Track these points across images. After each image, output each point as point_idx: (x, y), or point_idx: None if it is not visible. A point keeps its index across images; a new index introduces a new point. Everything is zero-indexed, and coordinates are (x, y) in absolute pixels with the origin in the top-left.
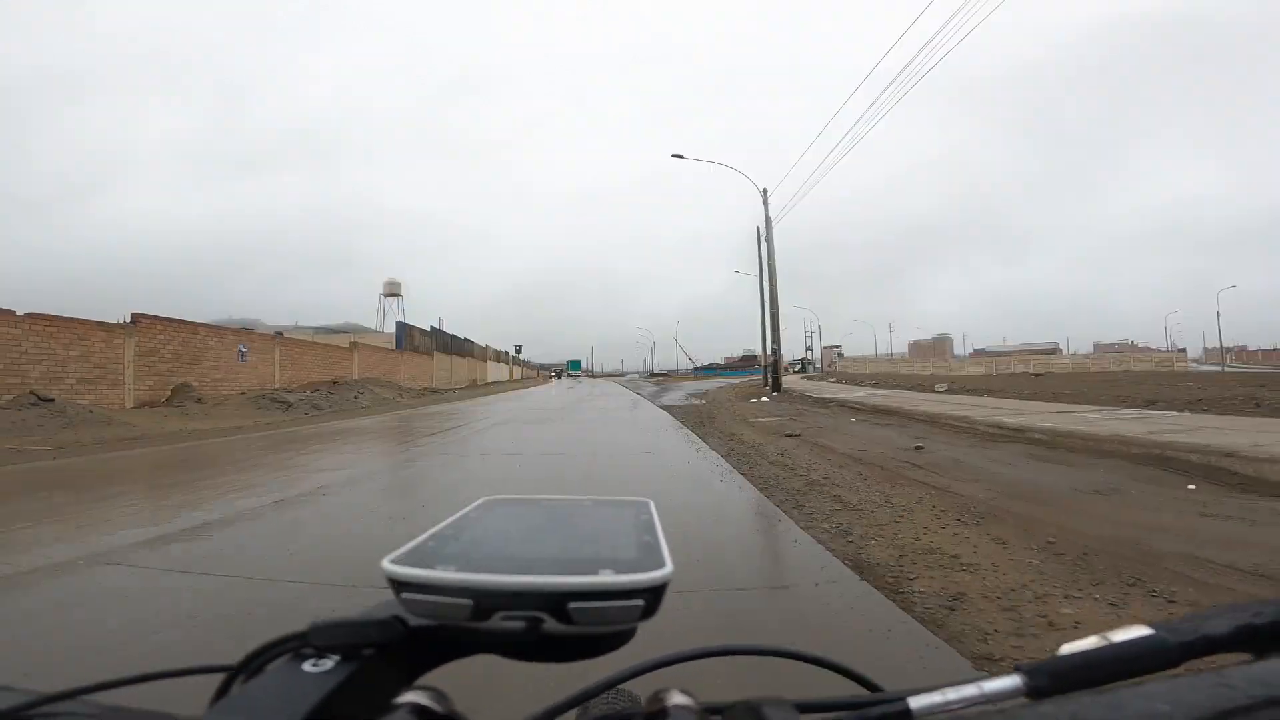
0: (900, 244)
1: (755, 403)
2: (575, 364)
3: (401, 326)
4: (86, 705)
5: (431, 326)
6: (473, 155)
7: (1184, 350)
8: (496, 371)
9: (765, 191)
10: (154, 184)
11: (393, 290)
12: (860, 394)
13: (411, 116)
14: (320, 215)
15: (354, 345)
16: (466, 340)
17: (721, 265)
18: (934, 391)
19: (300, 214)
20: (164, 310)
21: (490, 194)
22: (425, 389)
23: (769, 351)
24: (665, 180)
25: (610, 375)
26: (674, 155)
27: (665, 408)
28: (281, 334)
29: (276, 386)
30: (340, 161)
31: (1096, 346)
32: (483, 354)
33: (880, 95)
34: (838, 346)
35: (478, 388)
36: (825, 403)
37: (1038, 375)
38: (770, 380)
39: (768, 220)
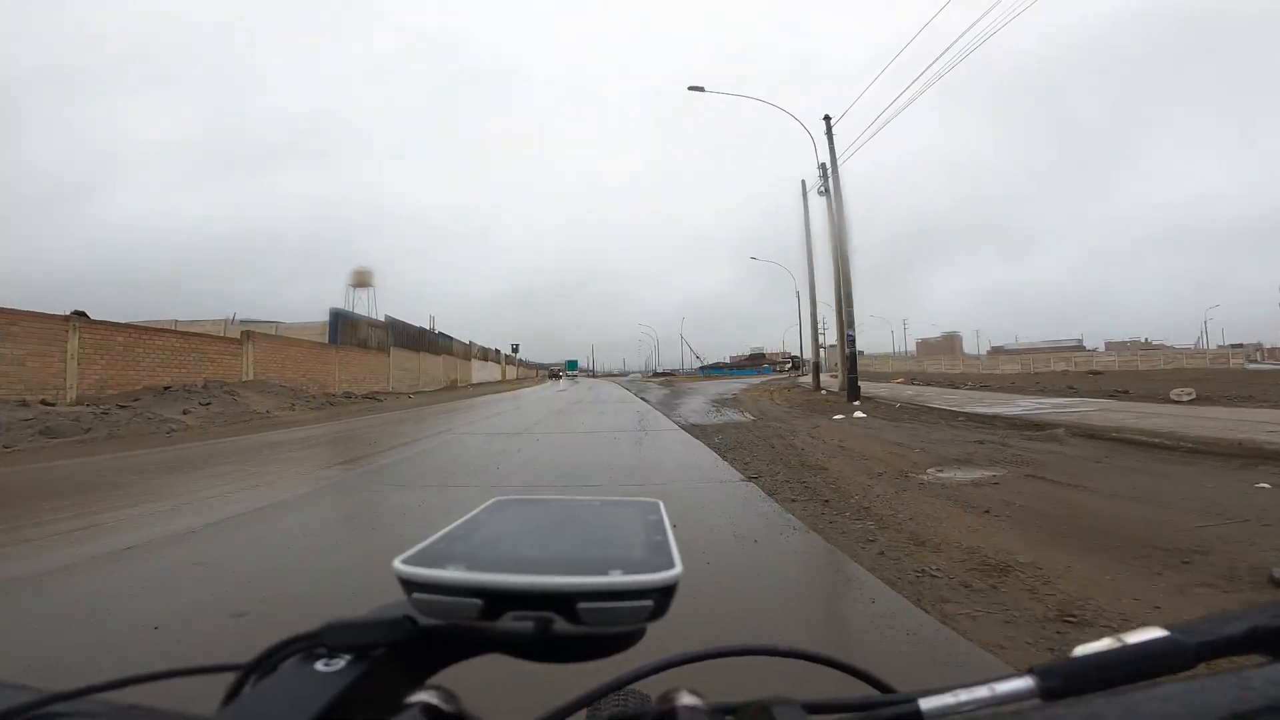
0: (904, 241)
1: (845, 420)
2: (572, 364)
3: (336, 315)
4: (98, 704)
5: (387, 317)
6: (473, 153)
7: (1240, 346)
8: (484, 372)
9: (828, 120)
10: (151, 183)
11: (362, 280)
12: (1027, 404)
13: (413, 113)
14: (322, 214)
15: (248, 335)
16: (442, 335)
17: (722, 265)
18: (1175, 401)
19: (301, 213)
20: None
21: (492, 193)
22: (371, 394)
23: (843, 340)
24: (668, 179)
25: (611, 375)
26: (691, 88)
27: (694, 429)
28: (84, 314)
29: (69, 399)
30: (341, 160)
31: (1108, 344)
32: (465, 351)
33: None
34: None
35: (454, 391)
36: (1032, 429)
37: (1095, 374)
38: (818, 381)
39: (832, 159)
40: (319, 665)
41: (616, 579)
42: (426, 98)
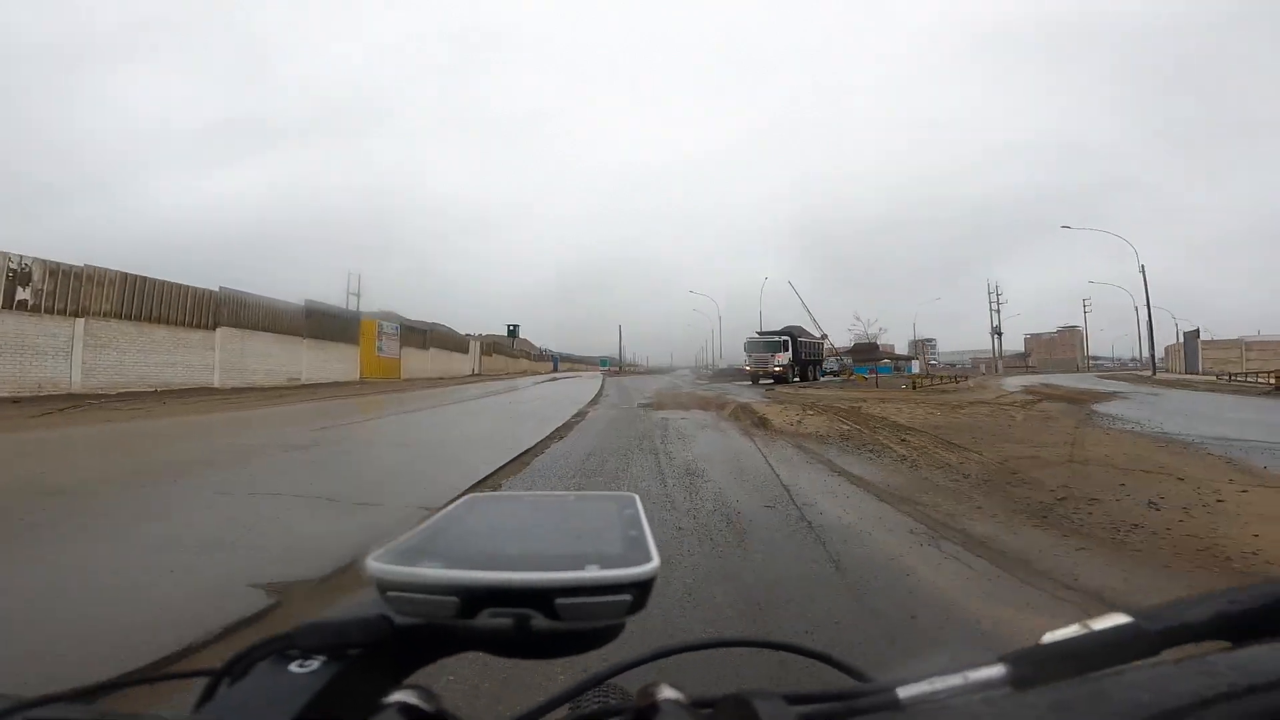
0: (971, 232)
1: None
2: (605, 361)
3: None
4: (63, 711)
5: None
6: (511, 134)
7: None
8: (438, 363)
9: None
10: (177, 161)
11: None
12: None
13: (446, 93)
14: (359, 198)
15: None
16: (329, 310)
17: (775, 253)
18: None
19: (335, 198)
20: None
21: (531, 180)
22: None
23: None
24: (714, 164)
25: (654, 372)
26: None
27: None
28: None
29: None
30: (376, 141)
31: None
32: (374, 333)
33: None
34: (931, 339)
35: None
36: None
37: None
38: None
39: None
40: (293, 667)
41: (594, 574)
42: (457, 72)
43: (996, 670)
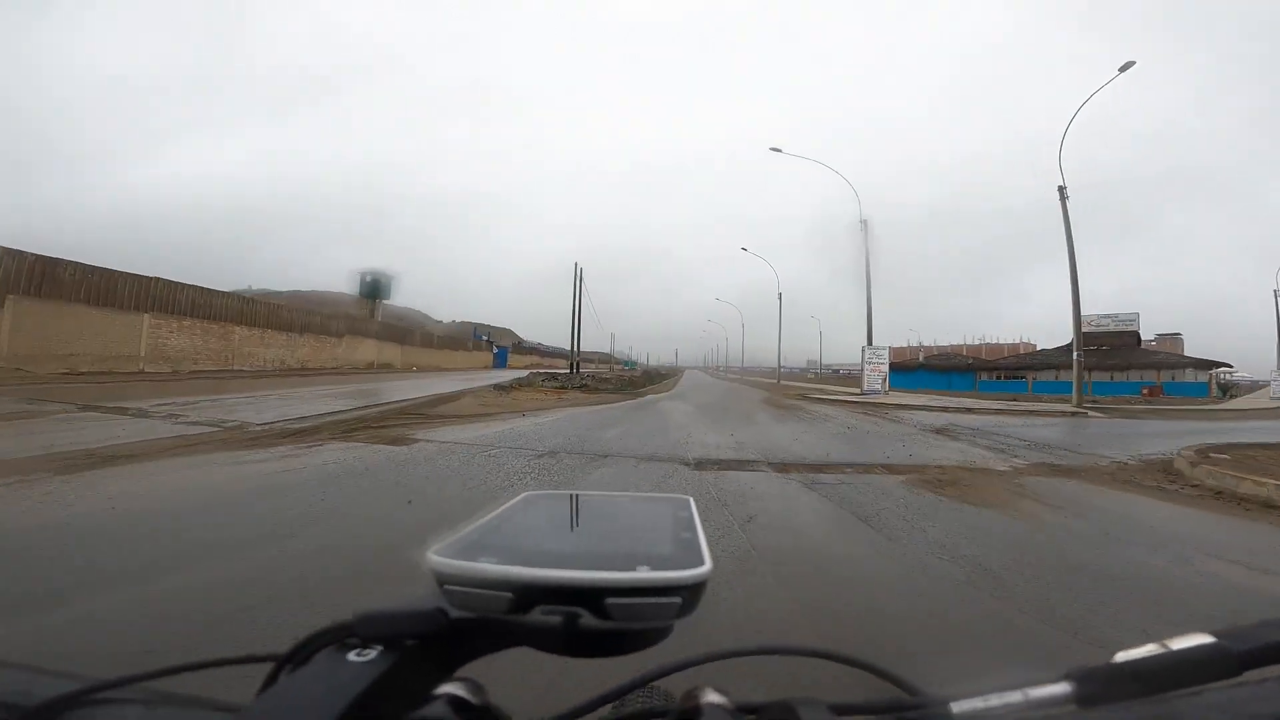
0: (1008, 236)
1: None
2: (630, 363)
3: None
4: (138, 692)
5: None
6: (517, 137)
7: None
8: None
9: None
10: (148, 134)
11: None
12: None
13: (452, 96)
14: (351, 180)
15: None
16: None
17: (790, 253)
18: None
19: (326, 179)
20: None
21: (538, 184)
22: None
23: None
24: (731, 166)
25: (659, 377)
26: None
27: None
28: None
29: None
30: (368, 119)
31: None
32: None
33: None
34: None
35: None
36: None
37: None
38: None
39: None
40: (351, 656)
41: (645, 575)
42: (465, 80)
43: (1060, 688)
